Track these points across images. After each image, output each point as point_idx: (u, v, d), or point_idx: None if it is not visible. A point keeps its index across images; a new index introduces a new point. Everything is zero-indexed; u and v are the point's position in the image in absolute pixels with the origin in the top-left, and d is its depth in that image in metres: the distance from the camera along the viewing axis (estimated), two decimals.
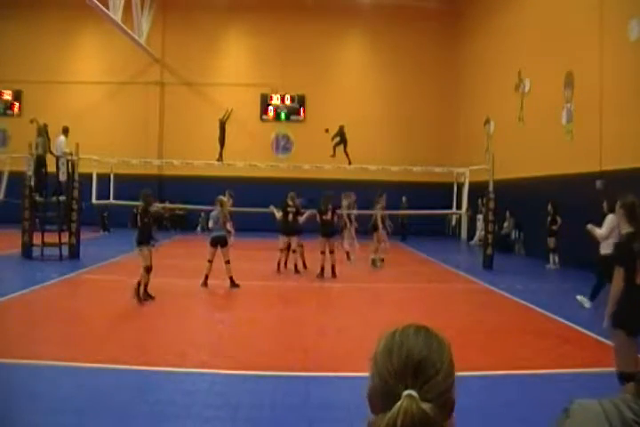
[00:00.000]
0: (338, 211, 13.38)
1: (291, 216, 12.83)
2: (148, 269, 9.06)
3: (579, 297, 9.45)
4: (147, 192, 9.72)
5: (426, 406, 1.06)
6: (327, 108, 24.52)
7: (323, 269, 12.28)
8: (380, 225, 13.92)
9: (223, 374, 5.73)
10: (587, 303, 9.23)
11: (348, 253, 15.27)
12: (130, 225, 10.93)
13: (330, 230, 12.52)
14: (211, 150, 19.58)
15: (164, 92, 25.36)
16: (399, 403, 1.06)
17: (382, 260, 14.16)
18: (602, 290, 8.90)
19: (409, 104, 24.88)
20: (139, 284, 8.97)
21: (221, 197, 11.20)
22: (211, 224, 10.98)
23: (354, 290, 11.09)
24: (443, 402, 1.09)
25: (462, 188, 15.82)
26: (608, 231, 8.71)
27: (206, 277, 10.66)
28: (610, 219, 8.78)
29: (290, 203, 12.92)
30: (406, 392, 1.07)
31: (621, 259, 4.48)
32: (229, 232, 11.06)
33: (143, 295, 9.00)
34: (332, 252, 12.32)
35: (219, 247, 10.71)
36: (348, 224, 15.09)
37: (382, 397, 1.11)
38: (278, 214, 12.97)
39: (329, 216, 12.56)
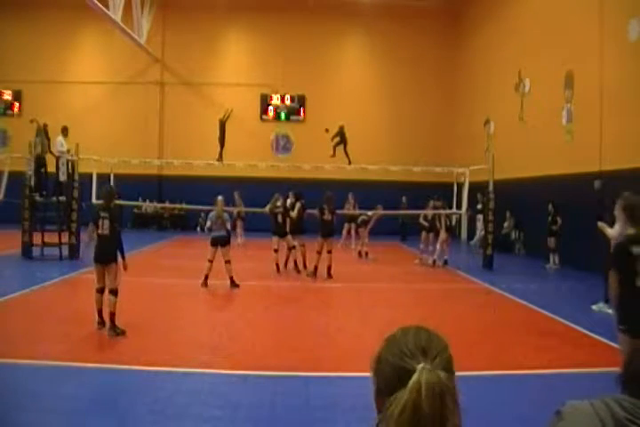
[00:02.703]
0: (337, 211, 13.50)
1: (280, 217, 12.92)
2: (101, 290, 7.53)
3: (594, 306, 9.02)
4: (108, 188, 8.26)
5: (442, 373, 1.15)
6: (327, 108, 24.51)
7: (316, 268, 12.37)
8: (442, 226, 14.48)
9: (223, 374, 5.73)
10: (607, 309, 8.59)
11: (361, 252, 15.94)
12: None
13: (329, 231, 12.55)
14: (211, 150, 19.57)
15: (164, 92, 25.36)
16: (416, 375, 1.14)
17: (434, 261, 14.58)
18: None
19: (409, 104, 24.88)
20: (112, 314, 7.10)
21: (219, 197, 11.18)
22: (208, 224, 10.98)
23: (354, 290, 11.09)
24: (452, 373, 1.19)
25: (462, 188, 15.81)
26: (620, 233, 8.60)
27: (206, 277, 10.68)
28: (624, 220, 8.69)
29: (277, 204, 13.03)
30: (420, 365, 1.16)
31: (619, 261, 4.21)
32: (229, 231, 11.03)
33: (109, 330, 7.05)
34: (329, 252, 12.37)
35: (219, 247, 10.74)
36: (368, 226, 16.02)
37: (395, 380, 1.17)
38: (266, 208, 13.18)
39: (329, 217, 12.61)
